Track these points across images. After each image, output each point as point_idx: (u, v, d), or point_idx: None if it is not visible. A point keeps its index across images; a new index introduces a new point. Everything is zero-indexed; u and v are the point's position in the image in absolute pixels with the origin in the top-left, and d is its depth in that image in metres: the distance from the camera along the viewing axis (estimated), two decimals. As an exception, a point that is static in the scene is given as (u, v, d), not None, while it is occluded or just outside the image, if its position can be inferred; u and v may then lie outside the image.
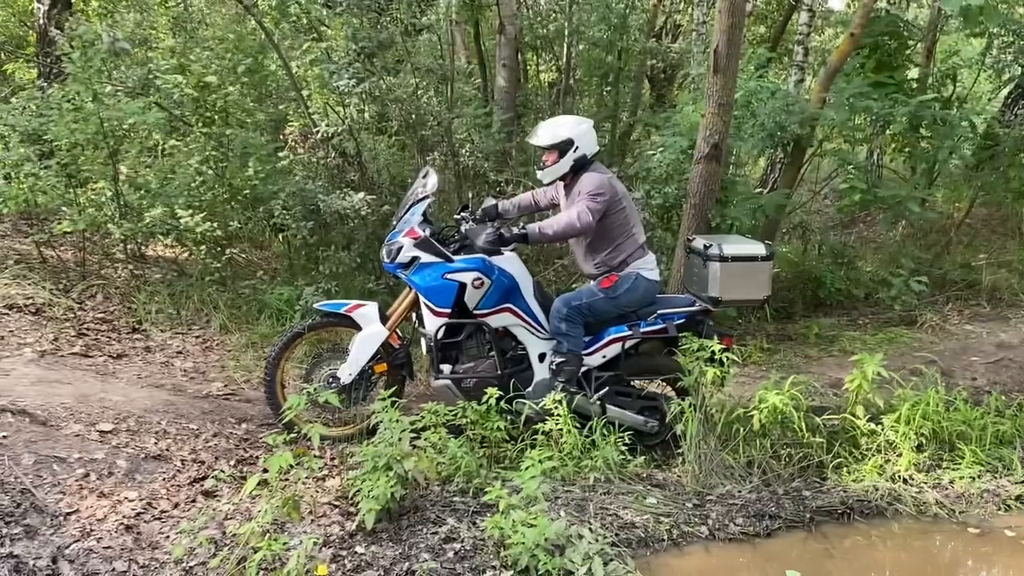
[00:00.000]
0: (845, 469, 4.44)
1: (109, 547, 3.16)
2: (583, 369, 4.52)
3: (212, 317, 5.95)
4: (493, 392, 4.21)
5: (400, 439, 3.59)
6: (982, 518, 4.17)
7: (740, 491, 4.20)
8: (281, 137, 7.81)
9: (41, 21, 8.62)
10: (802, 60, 9.22)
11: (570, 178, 4.46)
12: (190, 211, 5.95)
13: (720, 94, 5.46)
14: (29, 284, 5.87)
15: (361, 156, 7.01)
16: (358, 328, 4.43)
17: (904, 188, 7.01)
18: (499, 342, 4.53)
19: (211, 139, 6.23)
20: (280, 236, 6.76)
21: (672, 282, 5.99)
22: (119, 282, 6.22)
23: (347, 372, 4.38)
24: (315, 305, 4.57)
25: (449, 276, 4.34)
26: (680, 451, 4.39)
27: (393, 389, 4.30)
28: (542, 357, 4.52)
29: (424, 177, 4.56)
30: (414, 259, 4.36)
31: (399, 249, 4.37)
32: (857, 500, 4.21)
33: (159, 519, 3.44)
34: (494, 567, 3.31)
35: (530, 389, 4.49)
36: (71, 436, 3.87)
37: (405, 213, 4.49)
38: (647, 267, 4.51)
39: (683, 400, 4.41)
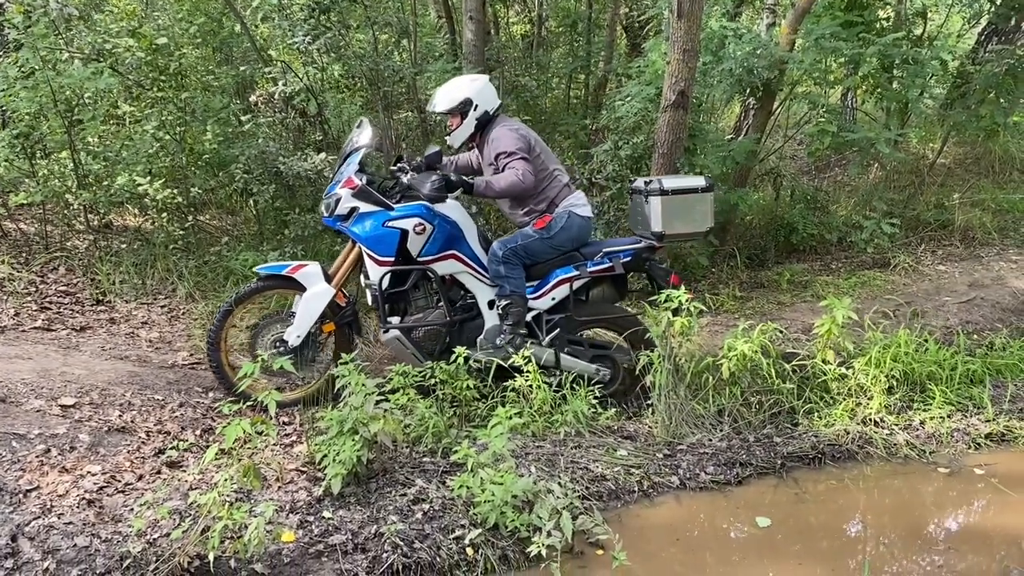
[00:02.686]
0: (816, 414, 4.46)
1: (70, 523, 3.11)
2: (533, 313, 4.52)
3: (178, 286, 5.85)
4: (461, 351, 4.17)
5: (365, 402, 3.54)
6: (952, 457, 4.20)
7: (711, 440, 4.20)
8: (251, 100, 7.65)
9: (-8, -13, 8.34)
10: (773, 2, 9.07)
11: (479, 137, 4.45)
12: (149, 178, 5.82)
13: (684, 40, 5.35)
14: (-12, 259, 5.75)
15: (323, 115, 6.87)
16: (302, 289, 4.35)
17: (875, 130, 6.94)
18: (448, 291, 4.50)
19: (168, 103, 6.07)
20: (251, 201, 6.65)
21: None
22: (82, 254, 6.11)
23: (294, 335, 4.31)
24: (256, 269, 4.49)
25: (390, 224, 4.29)
26: (650, 402, 4.38)
27: (348, 349, 4.32)
28: (491, 304, 4.50)
29: (359, 127, 4.47)
30: (353, 210, 4.30)
31: (337, 201, 4.30)
32: (828, 444, 4.23)
33: (122, 492, 3.39)
34: (463, 526, 3.30)
35: (481, 337, 4.47)
36: (31, 412, 3.81)
37: (342, 165, 4.41)
38: (578, 203, 4.51)
39: (635, 348, 4.48)
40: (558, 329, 4.54)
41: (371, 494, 3.49)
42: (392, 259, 4.32)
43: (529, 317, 4.51)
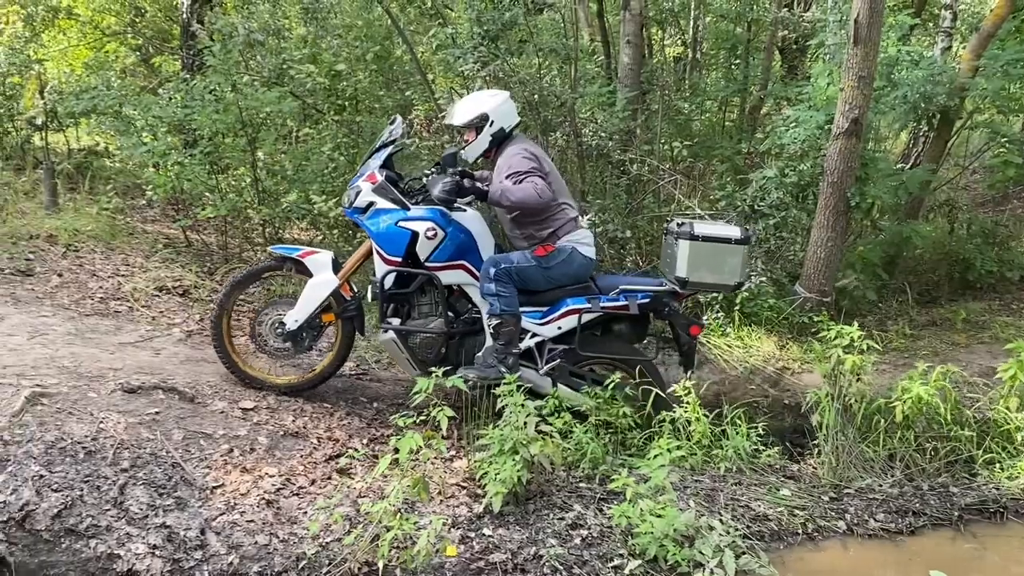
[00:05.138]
0: (998, 465, 4.17)
1: (252, 521, 3.30)
2: (537, 339, 4.38)
3: (345, 299, 6.12)
4: (614, 377, 4.15)
5: (526, 423, 3.59)
6: None
7: (880, 485, 4.00)
8: (412, 121, 7.96)
9: (184, 15, 9.08)
10: (950, 26, 8.58)
11: (493, 153, 4.34)
12: (323, 196, 6.14)
13: (860, 66, 5.17)
14: (177, 267, 6.22)
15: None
16: (309, 275, 4.39)
17: (1066, 161, 6.46)
18: (455, 302, 4.43)
19: (342, 126, 6.40)
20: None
21: (808, 264, 5.75)
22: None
23: (293, 319, 4.35)
24: (270, 248, 4.58)
25: (403, 224, 4.24)
26: (815, 442, 4.21)
27: (350, 343, 4.50)
28: None
29: (391, 124, 4.47)
30: (371, 204, 4.28)
31: (357, 194, 4.31)
32: (1012, 499, 3.95)
33: (297, 495, 3.57)
34: (621, 555, 3.28)
35: (479, 354, 4.32)
36: (216, 413, 4.07)
37: (369, 159, 4.43)
38: (584, 242, 4.36)
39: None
40: (559, 359, 4.39)
41: (529, 515, 3.52)
42: (399, 259, 4.26)
43: (533, 343, 4.39)
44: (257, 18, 8.13)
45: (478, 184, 4.19)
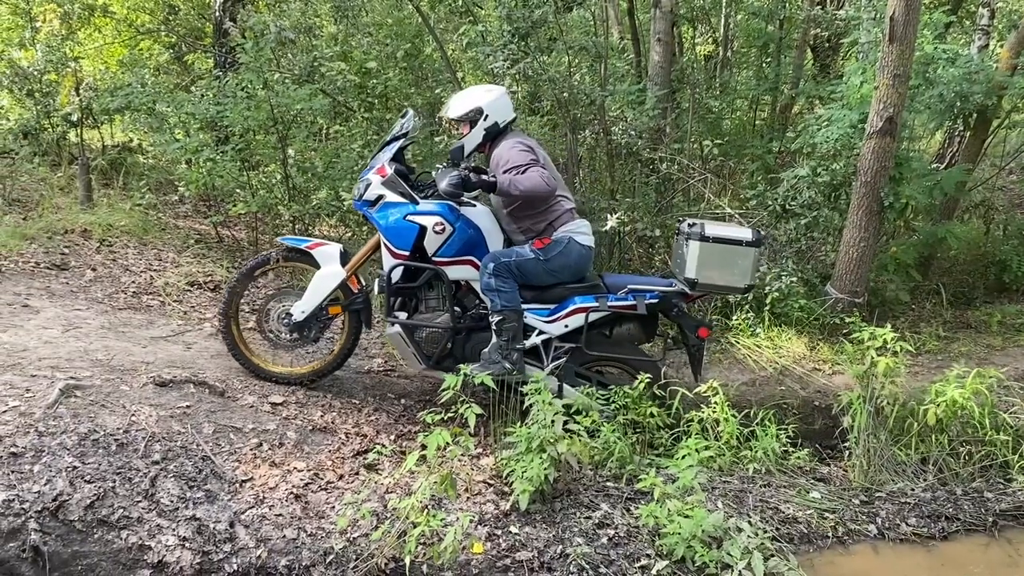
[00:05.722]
0: (1034, 470, 4.09)
1: (280, 515, 3.33)
2: (543, 337, 4.35)
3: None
4: (644, 377, 4.13)
5: (553, 422, 3.58)
6: None
7: (913, 489, 3.95)
8: (437, 118, 7.99)
9: (217, 13, 9.18)
10: (987, 24, 8.44)
11: (487, 148, 4.31)
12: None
13: (896, 64, 5.09)
14: (208, 262, 6.29)
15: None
16: (317, 266, 4.41)
17: (1107, 162, 6.33)
18: (462, 298, 4.41)
19: (372, 123, 6.42)
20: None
21: (839, 264, 5.68)
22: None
23: (299, 310, 4.37)
24: (279, 239, 4.60)
25: (411, 218, 4.23)
26: (846, 445, 4.16)
27: (356, 335, 4.50)
28: None
29: (403, 118, 4.47)
30: (380, 197, 4.28)
31: (367, 186, 4.31)
32: (1048, 505, 3.87)
33: (325, 490, 3.59)
34: (648, 555, 3.27)
35: (485, 350, 4.28)
36: (246, 407, 4.11)
37: (380, 151, 4.43)
38: (580, 231, 4.32)
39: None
40: (564, 358, 4.36)
41: (555, 513, 3.52)
42: (407, 253, 4.26)
43: (539, 340, 4.36)
44: (289, 16, 8.20)
45: (484, 177, 4.17)
